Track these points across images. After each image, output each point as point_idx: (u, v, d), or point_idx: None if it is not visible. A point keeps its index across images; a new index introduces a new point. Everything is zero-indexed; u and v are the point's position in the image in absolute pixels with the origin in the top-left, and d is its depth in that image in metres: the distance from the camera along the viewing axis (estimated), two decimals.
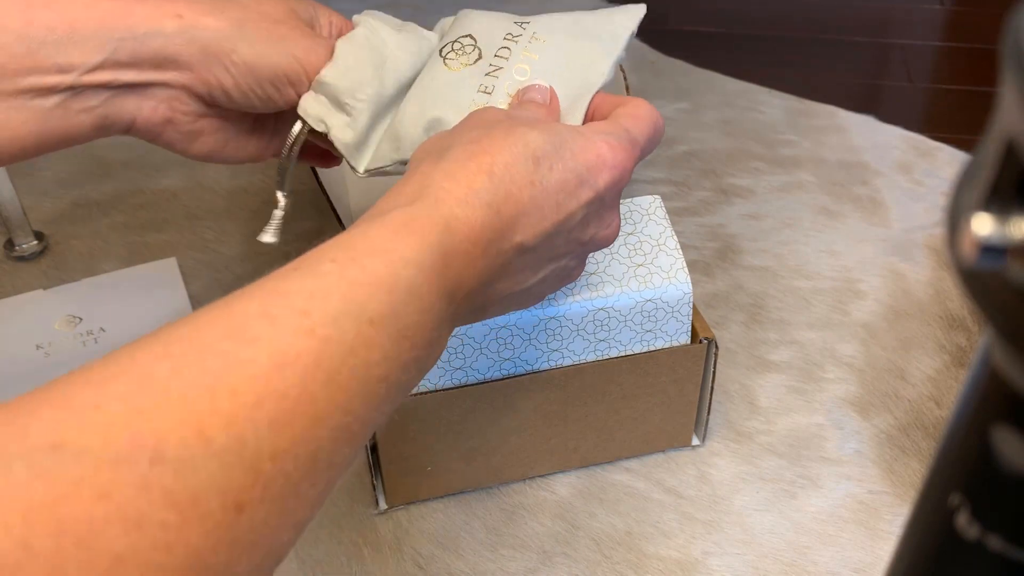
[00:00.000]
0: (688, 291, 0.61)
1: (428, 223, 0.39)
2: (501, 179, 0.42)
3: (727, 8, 1.25)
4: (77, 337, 0.78)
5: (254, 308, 0.34)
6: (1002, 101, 0.24)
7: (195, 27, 0.48)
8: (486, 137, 0.43)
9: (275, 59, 0.50)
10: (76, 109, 0.49)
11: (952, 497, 0.30)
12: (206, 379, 0.31)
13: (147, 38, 0.48)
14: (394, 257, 0.37)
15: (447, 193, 0.40)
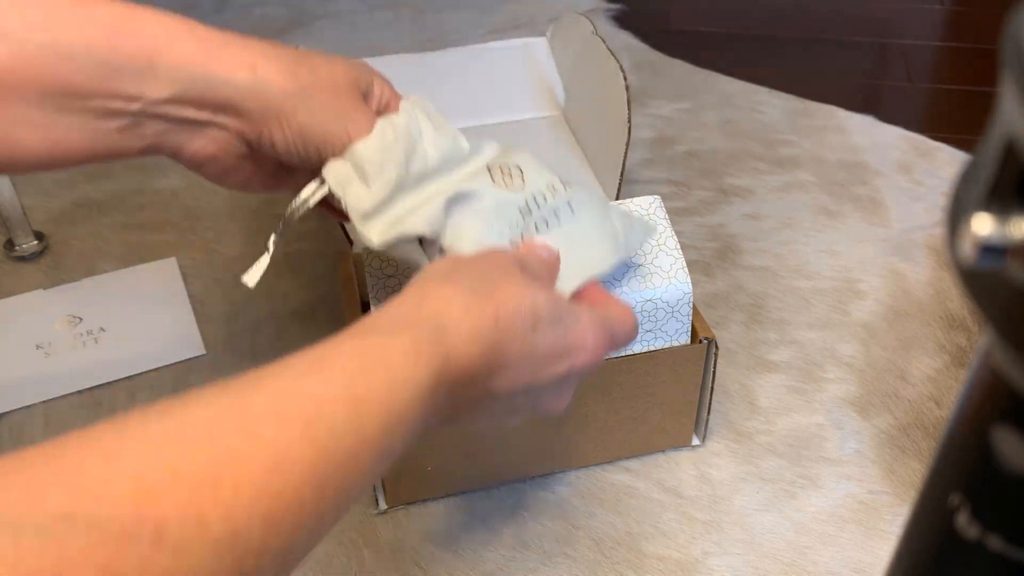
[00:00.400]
0: (688, 291, 0.61)
1: (435, 351, 0.40)
2: (503, 328, 0.44)
3: (727, 8, 1.25)
4: (77, 337, 0.78)
5: (265, 405, 0.35)
6: (1002, 101, 0.24)
7: (265, 83, 0.50)
8: (504, 284, 0.45)
9: (328, 128, 0.51)
10: (131, 134, 0.50)
11: (952, 497, 0.30)
12: (213, 468, 0.33)
13: (219, 84, 0.49)
14: (398, 378, 0.38)
15: (456, 328, 0.42)
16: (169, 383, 0.74)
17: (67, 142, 0.49)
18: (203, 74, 0.49)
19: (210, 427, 0.34)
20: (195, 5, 1.25)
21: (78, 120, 0.48)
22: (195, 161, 0.53)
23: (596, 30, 0.77)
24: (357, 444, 0.36)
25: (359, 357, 0.38)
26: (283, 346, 0.77)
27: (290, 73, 0.50)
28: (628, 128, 0.69)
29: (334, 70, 0.52)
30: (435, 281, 0.45)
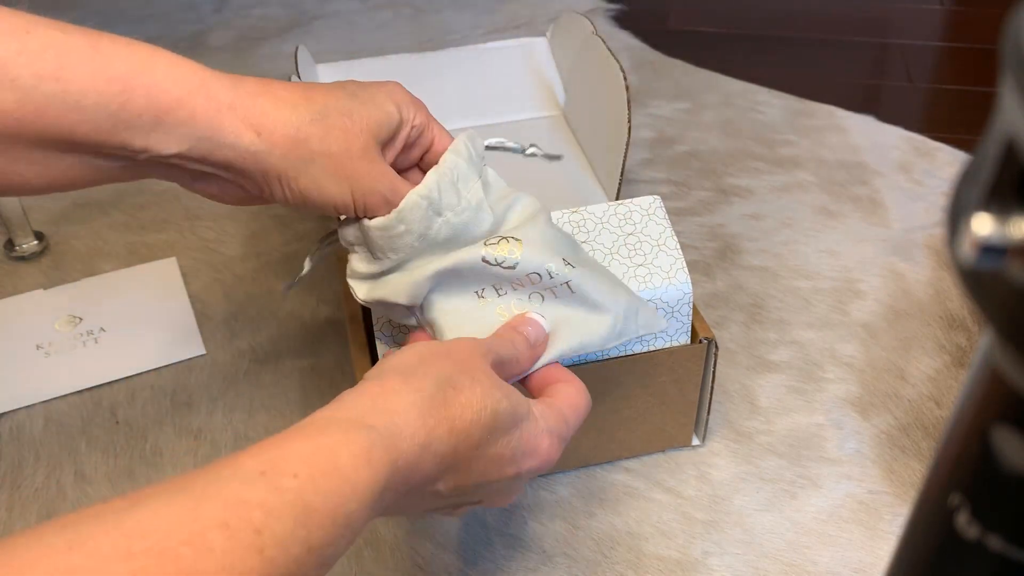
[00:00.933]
0: (688, 291, 0.61)
1: (386, 458, 0.41)
2: (457, 437, 0.44)
3: (727, 8, 1.25)
4: (77, 337, 0.78)
5: (216, 515, 0.35)
6: (1002, 101, 0.24)
7: (269, 150, 0.50)
8: (465, 389, 0.45)
9: (331, 194, 0.51)
10: (133, 173, 0.51)
11: (952, 497, 0.30)
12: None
13: (224, 147, 0.49)
14: (347, 488, 0.39)
15: (411, 436, 0.42)
16: (169, 383, 0.74)
17: (67, 177, 0.49)
18: (209, 135, 0.49)
19: (161, 539, 0.34)
20: (194, 6, 1.25)
21: (80, 160, 0.48)
22: (194, 191, 0.53)
23: (596, 30, 0.77)
24: (304, 553, 0.37)
25: (311, 463, 0.39)
26: (283, 346, 0.77)
27: (298, 139, 0.50)
28: (628, 128, 0.69)
29: (353, 124, 0.51)
30: (397, 379, 0.45)
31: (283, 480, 0.37)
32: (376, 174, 0.52)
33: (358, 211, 0.52)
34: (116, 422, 0.71)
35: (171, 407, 0.72)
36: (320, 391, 0.73)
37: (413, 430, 0.42)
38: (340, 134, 0.51)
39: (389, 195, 0.52)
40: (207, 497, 0.36)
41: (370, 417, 0.42)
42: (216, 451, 0.69)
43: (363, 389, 0.44)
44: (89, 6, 1.27)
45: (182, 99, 0.48)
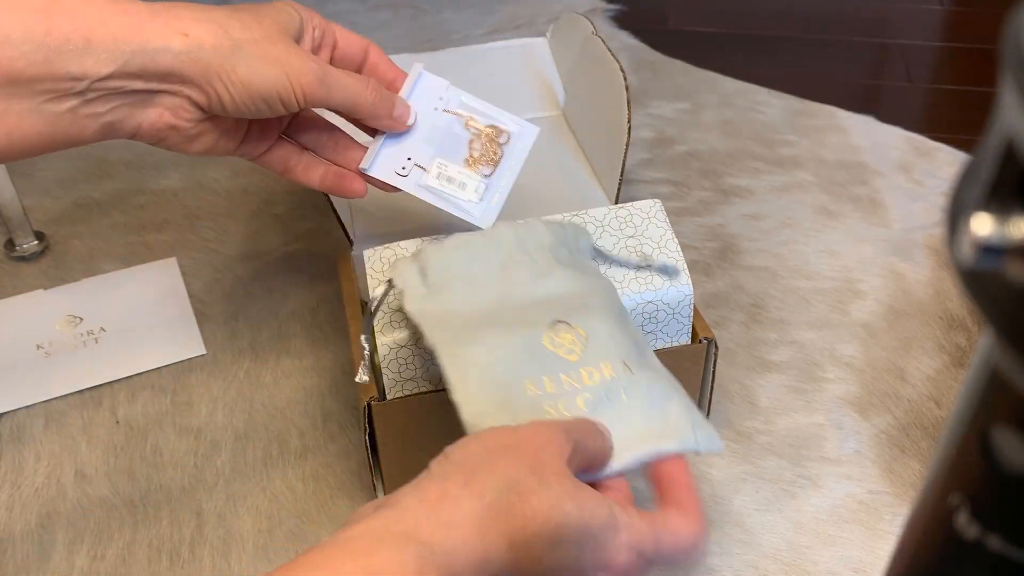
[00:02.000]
0: (689, 293, 0.61)
1: (435, 568, 0.38)
2: (518, 551, 0.41)
3: (727, 8, 1.25)
4: (77, 337, 0.78)
5: None
6: (1002, 101, 0.24)
7: (199, 47, 0.52)
8: (532, 497, 0.41)
9: (269, 78, 0.53)
10: (84, 114, 0.52)
11: (952, 497, 0.30)
12: None
13: (156, 54, 0.51)
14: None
15: (467, 552, 0.40)
16: (169, 383, 0.74)
17: (21, 129, 0.50)
18: (139, 46, 0.51)
19: None
20: None
21: (28, 105, 0.50)
22: (155, 133, 0.55)
23: (596, 30, 0.77)
24: None
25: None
26: (283, 346, 0.77)
27: (222, 32, 0.52)
28: (628, 128, 0.69)
29: (263, 21, 0.54)
30: (459, 480, 0.41)
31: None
32: (303, 55, 0.55)
33: (297, 97, 0.54)
34: (116, 422, 0.71)
35: (171, 407, 0.72)
36: (320, 391, 0.73)
37: (470, 548, 0.40)
38: (255, 23, 0.54)
39: (321, 74, 0.55)
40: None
41: (425, 531, 0.39)
42: (216, 451, 0.69)
43: (422, 491, 0.41)
44: None
45: (103, 18, 0.50)
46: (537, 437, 0.44)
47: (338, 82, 0.56)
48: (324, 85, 0.55)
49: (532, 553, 0.41)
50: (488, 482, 0.41)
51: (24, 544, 0.63)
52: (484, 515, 0.40)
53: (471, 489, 0.41)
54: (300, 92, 0.54)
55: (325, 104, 0.57)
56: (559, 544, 0.42)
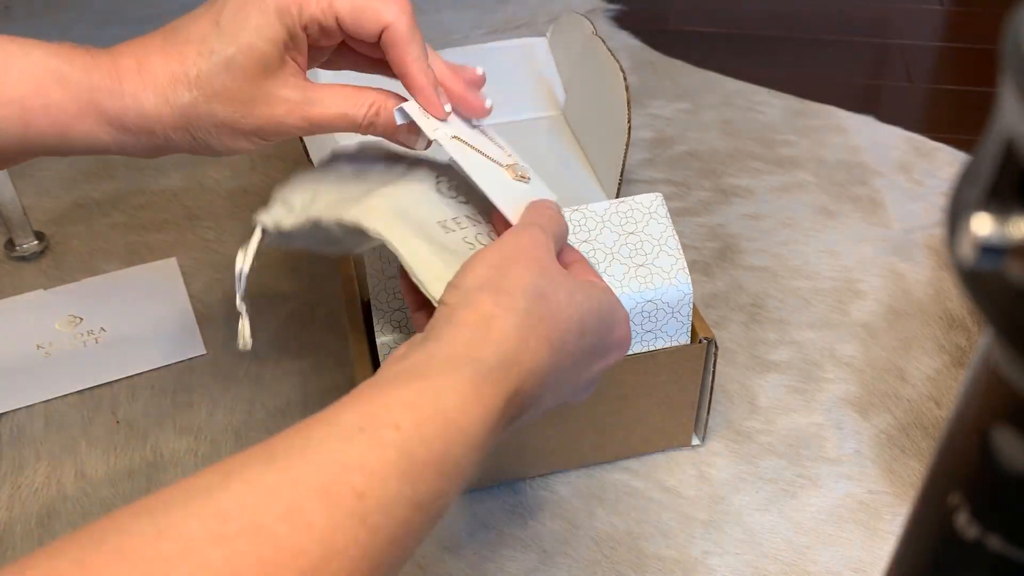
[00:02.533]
0: (688, 292, 0.61)
1: (494, 392, 0.39)
2: (556, 352, 0.42)
3: (727, 8, 1.25)
4: (77, 337, 0.78)
5: (313, 482, 0.33)
6: (1002, 101, 0.24)
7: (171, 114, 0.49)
8: (552, 299, 0.43)
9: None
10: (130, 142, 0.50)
11: (952, 497, 0.30)
12: (261, 568, 0.30)
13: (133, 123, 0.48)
14: (454, 433, 0.36)
15: (517, 361, 0.40)
16: (169, 383, 0.74)
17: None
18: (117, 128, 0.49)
19: (256, 515, 0.31)
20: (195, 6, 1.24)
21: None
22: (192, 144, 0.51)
23: (596, 30, 0.77)
24: (410, 512, 0.34)
25: (414, 410, 0.36)
26: (283, 346, 0.77)
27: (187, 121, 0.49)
28: (628, 128, 0.69)
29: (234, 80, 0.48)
30: (488, 299, 0.42)
31: (384, 434, 0.35)
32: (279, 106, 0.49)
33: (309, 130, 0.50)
34: (116, 422, 0.71)
35: (171, 407, 0.72)
36: (320, 391, 0.73)
37: (519, 357, 0.40)
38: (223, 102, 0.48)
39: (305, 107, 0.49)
40: (303, 462, 0.33)
41: (476, 350, 0.39)
42: (216, 451, 0.69)
43: (459, 319, 0.41)
44: (89, 6, 1.27)
45: (80, 114, 0.47)
46: (523, 243, 0.45)
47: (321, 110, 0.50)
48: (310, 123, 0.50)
49: (567, 348, 0.43)
50: (514, 295, 0.42)
51: (24, 544, 0.63)
52: (523, 325, 0.41)
53: (502, 305, 0.41)
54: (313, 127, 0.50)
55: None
56: (584, 334, 0.44)
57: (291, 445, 0.34)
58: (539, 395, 0.42)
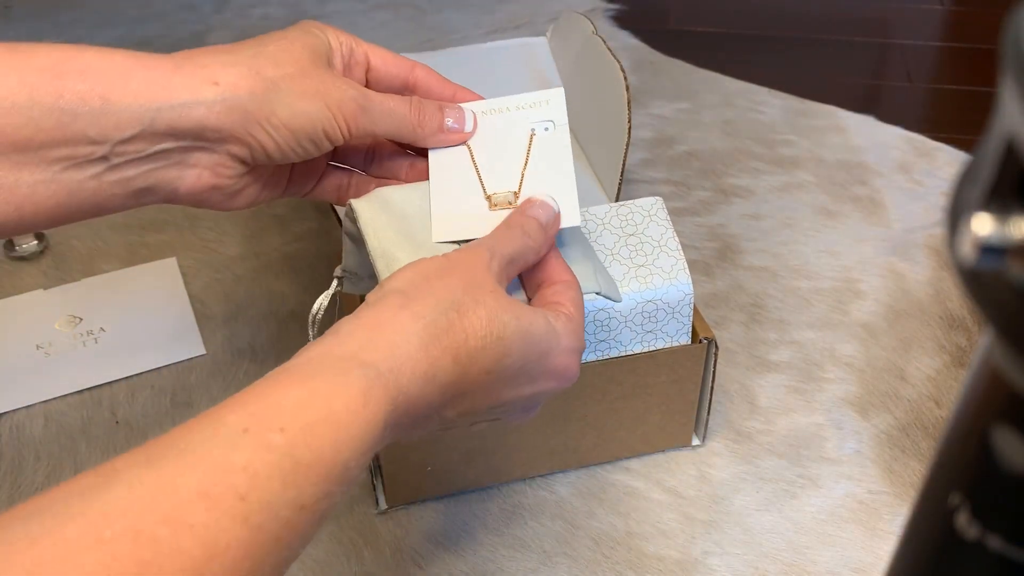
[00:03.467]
0: (689, 292, 0.61)
1: (383, 397, 0.38)
2: (464, 364, 0.42)
3: (727, 8, 1.25)
4: (77, 337, 0.78)
5: (195, 484, 0.32)
6: (1002, 101, 0.24)
7: (233, 94, 0.47)
8: (470, 311, 0.43)
9: (311, 115, 0.49)
10: (110, 181, 0.47)
11: (952, 497, 0.30)
12: (139, 569, 0.30)
13: (186, 108, 0.46)
14: (341, 437, 0.36)
15: (412, 369, 0.40)
16: (169, 383, 0.74)
17: (34, 202, 0.45)
18: (165, 102, 0.45)
19: (136, 520, 0.31)
20: (194, 6, 1.25)
21: (42, 175, 0.44)
22: (196, 196, 0.50)
23: (596, 30, 0.77)
24: (294, 513, 0.34)
25: (300, 413, 0.36)
26: (283, 346, 0.77)
27: (253, 74, 0.47)
28: (628, 128, 0.69)
29: (292, 49, 0.49)
30: (397, 303, 0.42)
31: (269, 436, 0.34)
32: (340, 82, 0.49)
33: (342, 130, 0.50)
34: (116, 422, 0.71)
35: (171, 407, 0.72)
36: None
37: (414, 363, 0.40)
38: (285, 56, 0.48)
39: (362, 100, 0.50)
40: (186, 465, 0.33)
41: (367, 352, 0.39)
42: None
43: (361, 318, 0.41)
44: (89, 6, 1.27)
45: (123, 73, 0.44)
46: (468, 257, 0.45)
47: (380, 106, 0.51)
48: (366, 113, 0.50)
49: (478, 365, 0.42)
50: (426, 303, 0.42)
51: None
52: (424, 333, 0.41)
53: (409, 311, 0.41)
54: (343, 123, 0.49)
55: (370, 132, 0.52)
56: (505, 355, 0.43)
57: (173, 446, 0.34)
58: (440, 404, 0.42)
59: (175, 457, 0.33)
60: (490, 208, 0.53)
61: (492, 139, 0.56)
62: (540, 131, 0.56)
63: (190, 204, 0.51)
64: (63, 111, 0.43)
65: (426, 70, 0.55)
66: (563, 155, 0.55)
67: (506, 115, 0.56)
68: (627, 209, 0.63)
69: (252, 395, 0.36)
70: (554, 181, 0.54)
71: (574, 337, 0.47)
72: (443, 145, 0.55)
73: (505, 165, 0.55)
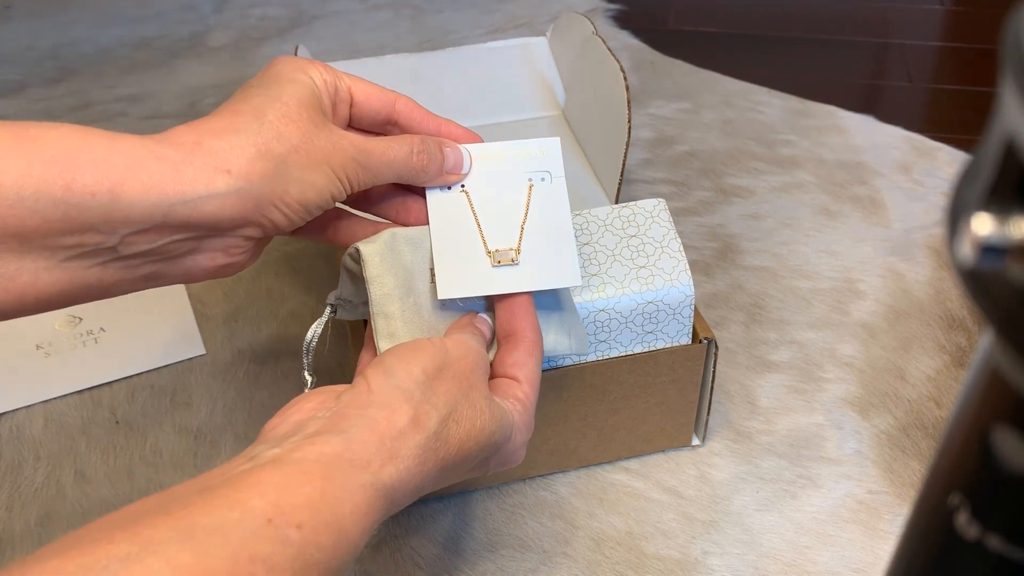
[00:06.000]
0: (690, 293, 0.61)
1: (382, 506, 0.42)
2: (450, 469, 0.46)
3: (727, 8, 1.25)
4: (77, 337, 0.78)
5: (223, 568, 0.34)
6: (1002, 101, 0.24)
7: (248, 182, 0.46)
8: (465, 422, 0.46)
9: (319, 186, 0.49)
10: (118, 267, 0.46)
11: (952, 497, 0.30)
12: None
13: (201, 202, 0.45)
14: (344, 543, 0.39)
15: (409, 479, 0.43)
16: (169, 383, 0.74)
17: (36, 288, 0.44)
18: (179, 197, 0.44)
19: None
20: (194, 6, 1.25)
21: (46, 263, 0.43)
22: (207, 275, 0.50)
23: (596, 30, 0.77)
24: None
25: (316, 513, 0.38)
26: (283, 346, 0.77)
27: (264, 155, 0.46)
28: (628, 128, 0.69)
29: (291, 114, 0.48)
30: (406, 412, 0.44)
31: (288, 532, 0.37)
32: (339, 141, 0.49)
33: (346, 188, 0.50)
34: (116, 422, 0.71)
35: (171, 407, 0.72)
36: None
37: (410, 477, 0.43)
38: (290, 127, 0.47)
39: (362, 159, 0.50)
40: (216, 545, 0.35)
41: (376, 462, 0.42)
42: (216, 451, 0.69)
43: (371, 419, 0.43)
44: (89, 6, 1.27)
45: (133, 165, 0.43)
46: (467, 358, 0.48)
47: (379, 159, 0.51)
48: (367, 170, 0.50)
49: (458, 466, 0.47)
50: (431, 414, 0.45)
51: (24, 544, 0.63)
52: (426, 446, 0.44)
53: (418, 424, 0.44)
54: (347, 184, 0.50)
55: (370, 185, 0.51)
56: (481, 451, 0.47)
57: (206, 525, 0.35)
58: (413, 497, 0.45)
59: (205, 537, 0.35)
60: (492, 264, 0.54)
61: (490, 187, 0.56)
62: (537, 182, 0.57)
63: (200, 281, 0.51)
64: (70, 205, 0.42)
65: (409, 103, 0.55)
66: (561, 208, 0.56)
67: (502, 162, 0.57)
68: (629, 210, 0.63)
69: (271, 483, 0.38)
70: (553, 236, 0.55)
71: (526, 431, 0.51)
72: (442, 184, 0.56)
73: (504, 217, 0.55)
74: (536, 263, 0.54)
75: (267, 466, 0.39)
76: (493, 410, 0.48)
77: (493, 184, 0.56)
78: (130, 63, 1.15)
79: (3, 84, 1.12)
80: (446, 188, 0.56)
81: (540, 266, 0.54)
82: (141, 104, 1.07)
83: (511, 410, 0.50)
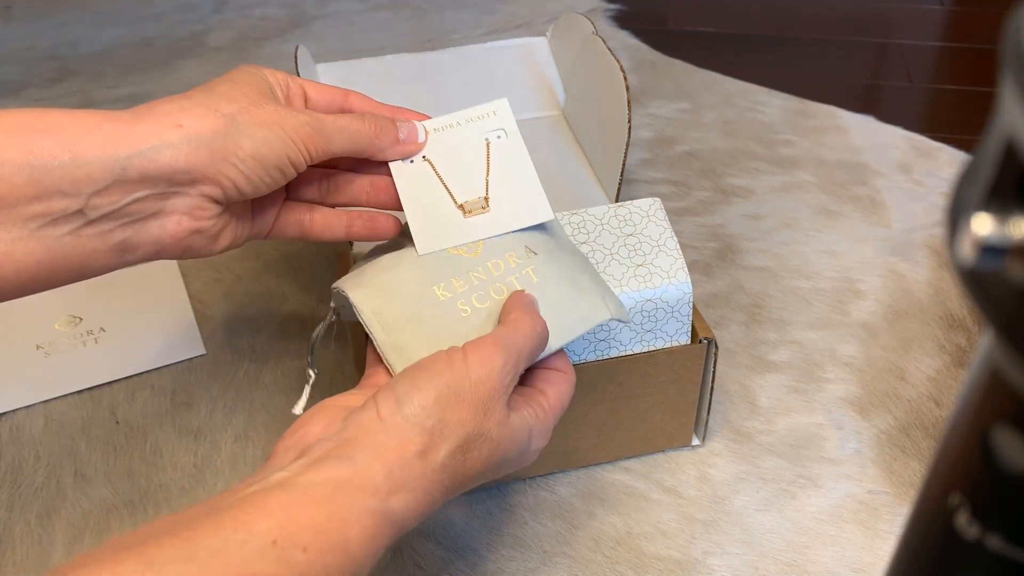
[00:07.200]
0: (688, 291, 0.61)
1: (389, 532, 0.42)
2: (456, 489, 0.46)
3: (727, 8, 1.25)
4: (77, 337, 0.78)
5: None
6: (1002, 101, 0.24)
7: (198, 134, 0.48)
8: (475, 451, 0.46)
9: (273, 142, 0.50)
10: (90, 235, 0.47)
11: (952, 497, 0.30)
12: None
13: (154, 152, 0.47)
14: (350, 566, 0.40)
15: (416, 507, 0.44)
16: (169, 383, 0.74)
17: (14, 260, 0.46)
18: (134, 150, 0.47)
19: None
20: (194, 6, 1.25)
21: (19, 233, 0.45)
22: (179, 243, 0.51)
23: (596, 30, 0.77)
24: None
25: (321, 536, 0.39)
26: (283, 346, 0.77)
27: (213, 112, 0.49)
28: (628, 128, 0.69)
29: (240, 87, 0.51)
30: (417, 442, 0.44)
31: (294, 554, 0.37)
32: (290, 110, 0.52)
33: (303, 154, 0.51)
34: (116, 422, 0.71)
35: (171, 407, 0.72)
36: (320, 391, 0.73)
37: (417, 505, 0.44)
38: (236, 93, 0.51)
39: (315, 123, 0.52)
40: (219, 566, 0.36)
41: (383, 491, 0.42)
42: (216, 451, 0.69)
43: (383, 450, 0.43)
44: (89, 6, 1.27)
45: (89, 128, 0.46)
46: (488, 382, 0.46)
47: (332, 125, 0.53)
48: (321, 134, 0.52)
49: (466, 484, 0.47)
50: (441, 447, 0.45)
51: (24, 544, 0.63)
52: (434, 477, 0.44)
53: (427, 455, 0.44)
54: (303, 147, 0.51)
55: (328, 153, 0.53)
56: (487, 475, 0.48)
57: (211, 546, 0.36)
58: (420, 520, 0.45)
59: (208, 557, 0.36)
60: (465, 216, 0.55)
61: (450, 152, 0.57)
62: (494, 139, 0.58)
63: (175, 256, 0.52)
64: (33, 167, 0.44)
65: (361, 96, 0.57)
66: (522, 158, 0.57)
67: (457, 129, 0.58)
68: (625, 210, 0.63)
69: (278, 505, 0.39)
70: (518, 182, 0.56)
71: (543, 439, 0.50)
72: (401, 157, 0.56)
73: (468, 174, 0.57)
74: (506, 207, 0.56)
75: (274, 489, 0.40)
76: (509, 430, 0.47)
77: (452, 148, 0.57)
78: (130, 63, 1.15)
79: (3, 84, 1.12)
80: (409, 161, 0.57)
81: (511, 209, 0.56)
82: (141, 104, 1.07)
83: (530, 418, 0.49)
